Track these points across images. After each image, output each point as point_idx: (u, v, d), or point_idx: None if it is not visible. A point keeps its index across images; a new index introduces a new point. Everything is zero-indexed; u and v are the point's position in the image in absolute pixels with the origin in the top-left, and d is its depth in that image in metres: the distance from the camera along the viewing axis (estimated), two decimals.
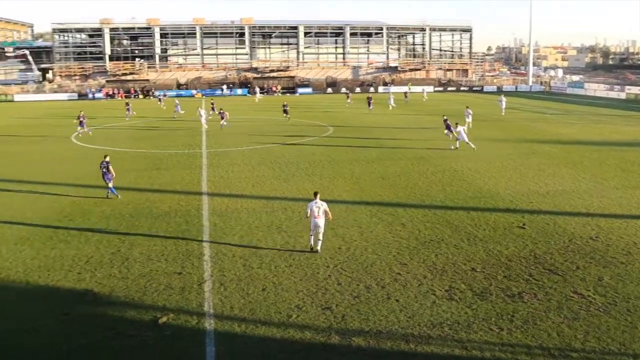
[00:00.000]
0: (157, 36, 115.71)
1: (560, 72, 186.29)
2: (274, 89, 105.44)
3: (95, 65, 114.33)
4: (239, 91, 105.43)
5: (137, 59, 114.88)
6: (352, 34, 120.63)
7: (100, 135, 48.62)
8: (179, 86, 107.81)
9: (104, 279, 17.29)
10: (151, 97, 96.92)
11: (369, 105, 67.63)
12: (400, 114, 65.24)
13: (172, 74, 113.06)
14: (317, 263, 18.20)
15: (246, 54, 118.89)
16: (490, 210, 24.21)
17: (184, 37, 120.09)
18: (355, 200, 26.01)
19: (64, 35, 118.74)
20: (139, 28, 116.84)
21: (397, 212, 23.82)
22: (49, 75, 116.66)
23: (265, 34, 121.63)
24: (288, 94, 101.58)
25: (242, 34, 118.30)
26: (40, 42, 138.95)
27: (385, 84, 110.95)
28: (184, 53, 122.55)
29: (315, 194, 19.62)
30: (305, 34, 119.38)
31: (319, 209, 19.14)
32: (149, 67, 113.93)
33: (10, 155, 39.80)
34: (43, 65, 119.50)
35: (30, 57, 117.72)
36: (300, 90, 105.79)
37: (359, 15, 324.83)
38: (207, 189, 28.39)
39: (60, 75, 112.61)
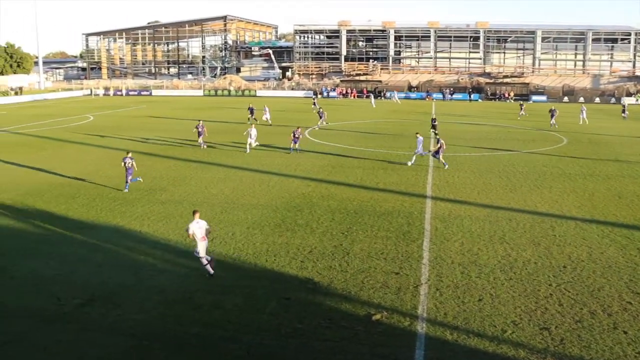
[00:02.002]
0: (392, 38, 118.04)
1: None
2: (506, 95, 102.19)
3: (331, 65, 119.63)
4: (471, 96, 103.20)
5: (371, 60, 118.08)
6: (594, 40, 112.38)
7: (331, 132, 50.56)
8: (410, 88, 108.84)
9: (324, 270, 18.02)
10: (383, 98, 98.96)
11: (552, 117, 57.58)
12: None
13: (404, 76, 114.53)
14: (539, 280, 17.31)
15: (479, 59, 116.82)
16: None
17: (417, 40, 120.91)
18: (586, 217, 24.30)
19: (304, 36, 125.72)
20: (374, 30, 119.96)
21: (633, 235, 21.82)
22: (288, 73, 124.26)
23: (500, 39, 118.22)
24: (521, 101, 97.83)
25: (476, 38, 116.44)
26: (282, 42, 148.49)
27: (629, 94, 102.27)
28: (417, 56, 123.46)
29: (194, 212, 17.83)
30: (543, 39, 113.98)
31: (201, 229, 17.40)
32: (382, 69, 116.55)
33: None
34: (284, 64, 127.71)
35: (273, 56, 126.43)
36: (534, 97, 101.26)
37: (604, 19, 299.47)
38: (431, 193, 28.32)
39: (299, 74, 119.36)
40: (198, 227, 17.35)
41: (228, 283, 17.19)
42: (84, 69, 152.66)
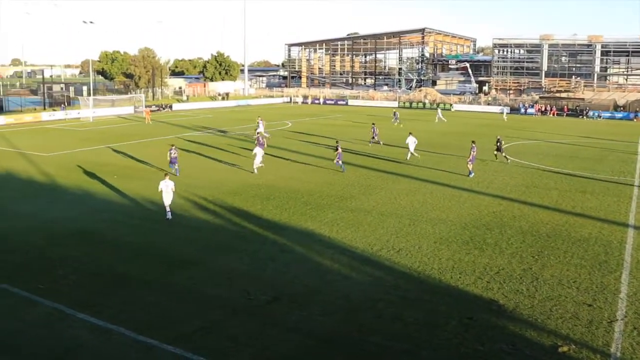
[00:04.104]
0: (598, 54, 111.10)
1: None
2: None
3: (531, 80, 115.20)
4: None
5: (573, 77, 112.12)
6: None
7: (528, 151, 48.65)
8: (615, 107, 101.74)
9: (510, 293, 17.41)
10: (584, 117, 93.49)
11: None
12: None
13: (609, 94, 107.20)
14: None
15: None
16: None
17: (627, 56, 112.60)
18: None
19: (503, 50, 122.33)
20: (579, 45, 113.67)
21: None
22: (485, 87, 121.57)
23: None
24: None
25: None
26: (480, 56, 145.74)
27: None
28: (625, 72, 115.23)
29: (165, 174, 26.18)
30: None
31: (167, 187, 25.03)
32: (585, 86, 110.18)
33: (444, 162, 42.65)
34: (480, 78, 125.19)
35: (470, 70, 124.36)
36: None
37: None
38: (634, 221, 26.12)
39: (496, 89, 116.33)
40: (165, 185, 25.05)
41: (411, 296, 17.20)
42: (285, 78, 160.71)
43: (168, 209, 25.22)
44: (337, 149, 36.70)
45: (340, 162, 36.61)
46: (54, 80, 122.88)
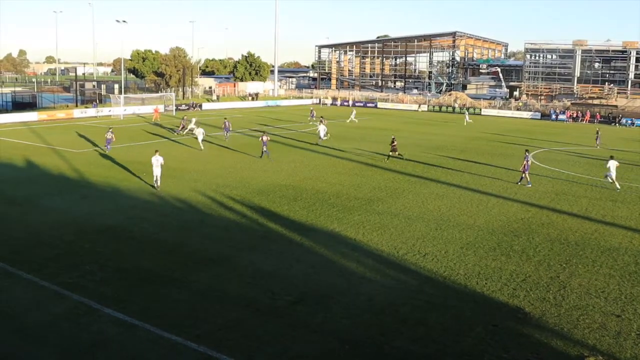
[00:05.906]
0: (633, 60, 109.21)
1: None
2: None
3: (563, 86, 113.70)
4: None
5: (606, 83, 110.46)
6: None
7: (557, 157, 48.10)
8: None
9: (536, 301, 17.23)
10: (617, 125, 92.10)
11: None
12: None
13: None
14: None
15: None
16: None
17: None
18: None
19: (535, 55, 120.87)
20: (613, 51, 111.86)
21: None
22: (516, 93, 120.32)
23: None
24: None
25: None
26: (511, 61, 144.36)
27: None
28: None
29: (156, 151, 31.11)
30: None
31: (157, 161, 30.22)
32: (618, 93, 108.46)
33: (471, 166, 42.36)
34: (511, 83, 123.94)
35: (501, 75, 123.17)
36: None
37: None
38: None
39: (527, 94, 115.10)
40: (155, 160, 30.26)
41: (436, 300, 17.11)
42: (314, 79, 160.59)
43: (156, 179, 30.49)
44: (262, 138, 41.73)
45: (264, 148, 41.38)
46: (87, 78, 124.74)
